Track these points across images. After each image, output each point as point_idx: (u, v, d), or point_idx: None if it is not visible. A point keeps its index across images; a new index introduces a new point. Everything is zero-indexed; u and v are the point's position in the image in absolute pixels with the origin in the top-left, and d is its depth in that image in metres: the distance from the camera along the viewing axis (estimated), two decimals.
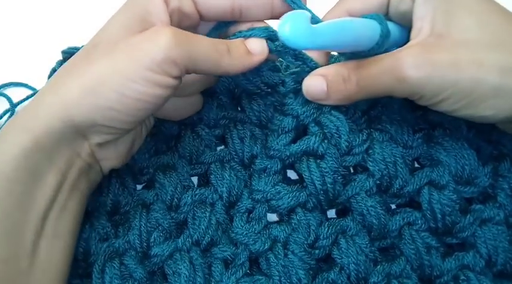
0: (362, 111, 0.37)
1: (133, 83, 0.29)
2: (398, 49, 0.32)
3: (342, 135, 0.35)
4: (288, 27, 0.29)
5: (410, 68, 0.30)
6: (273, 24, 0.36)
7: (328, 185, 0.35)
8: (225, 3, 0.34)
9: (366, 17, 0.33)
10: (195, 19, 0.35)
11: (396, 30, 0.35)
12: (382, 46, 0.33)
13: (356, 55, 0.34)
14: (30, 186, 0.30)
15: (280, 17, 0.36)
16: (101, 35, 0.33)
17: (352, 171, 0.37)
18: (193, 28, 0.36)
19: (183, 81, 0.33)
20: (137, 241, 0.35)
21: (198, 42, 0.31)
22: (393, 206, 0.37)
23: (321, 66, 0.36)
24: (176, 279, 0.33)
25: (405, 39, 0.35)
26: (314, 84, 0.35)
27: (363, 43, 0.33)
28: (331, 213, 0.37)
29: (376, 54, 0.33)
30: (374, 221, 0.35)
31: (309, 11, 0.34)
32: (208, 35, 0.37)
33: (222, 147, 0.39)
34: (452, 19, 0.31)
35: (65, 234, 0.32)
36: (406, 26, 0.35)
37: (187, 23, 0.35)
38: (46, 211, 0.30)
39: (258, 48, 0.34)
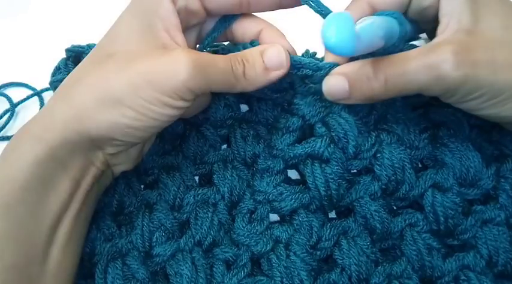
0: (370, 109, 0.37)
1: (151, 105, 0.30)
2: (431, 45, 0.31)
3: (350, 140, 0.35)
4: (334, 34, 0.26)
5: (451, 66, 0.29)
6: (281, 14, 0.36)
7: (333, 191, 0.34)
8: None
9: (385, 15, 0.32)
10: (201, 16, 0.35)
11: (409, 28, 0.35)
12: (398, 47, 0.32)
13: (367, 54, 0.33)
14: (43, 195, 0.30)
15: (287, 7, 0.35)
16: (113, 44, 0.32)
17: (355, 171, 0.37)
18: (200, 24, 0.36)
19: None
20: (139, 240, 0.34)
21: (216, 68, 0.31)
22: (394, 206, 0.37)
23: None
24: (178, 280, 0.33)
25: (413, 34, 0.35)
26: (335, 83, 0.33)
27: (384, 44, 0.31)
28: (331, 213, 0.37)
29: (390, 53, 0.32)
30: (377, 225, 0.34)
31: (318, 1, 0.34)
32: (215, 29, 0.37)
33: (225, 146, 0.39)
34: (479, 17, 0.31)
35: (76, 241, 0.32)
36: (421, 21, 0.35)
37: (194, 20, 0.35)
38: (58, 219, 0.30)
39: (275, 62, 0.33)
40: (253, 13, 0.37)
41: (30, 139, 0.30)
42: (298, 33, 0.39)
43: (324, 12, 0.34)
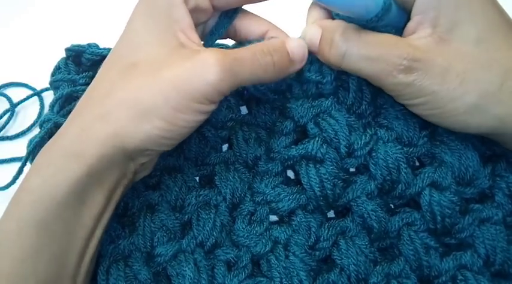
0: (368, 102, 0.37)
1: (182, 114, 0.30)
2: (398, 39, 0.31)
3: (341, 140, 0.35)
4: None
5: (402, 70, 0.30)
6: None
7: (328, 191, 0.35)
8: None
9: None
10: (209, 13, 0.35)
11: (395, 10, 0.33)
12: (382, 19, 0.31)
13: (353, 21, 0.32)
14: (78, 211, 0.30)
15: None
16: (135, 52, 0.32)
17: (353, 169, 0.37)
18: (206, 20, 0.37)
19: None
20: (141, 241, 0.35)
21: (244, 64, 0.31)
22: (392, 205, 0.37)
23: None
24: (180, 281, 0.33)
25: (400, 22, 0.34)
26: (310, 33, 0.34)
27: (363, 9, 0.30)
28: (330, 212, 0.37)
29: (374, 27, 0.32)
30: (375, 225, 0.35)
31: None
32: (220, 25, 0.37)
33: (227, 145, 0.39)
34: (456, 26, 0.31)
35: (98, 249, 0.33)
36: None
37: (202, 18, 0.35)
38: (92, 232, 0.31)
39: (300, 54, 0.34)
40: (257, 2, 0.37)
41: (66, 156, 0.30)
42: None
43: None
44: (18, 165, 0.39)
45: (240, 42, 0.38)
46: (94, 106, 0.31)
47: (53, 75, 0.42)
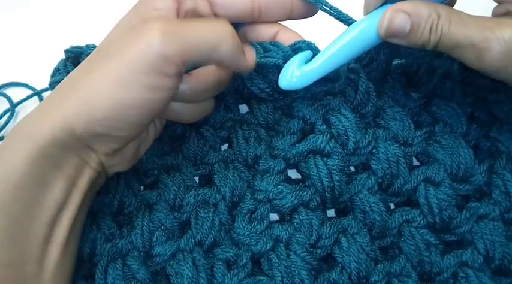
0: (373, 104, 0.37)
1: (127, 89, 0.28)
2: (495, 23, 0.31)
3: (350, 137, 0.36)
4: (280, 80, 0.33)
5: (497, 57, 0.29)
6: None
7: (335, 182, 0.35)
8: (246, 3, 0.33)
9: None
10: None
11: None
12: None
13: None
14: (38, 193, 0.30)
15: (297, 18, 0.36)
16: (106, 38, 0.32)
17: (353, 169, 0.38)
18: None
19: (197, 90, 0.33)
20: (139, 240, 0.35)
21: (192, 29, 0.29)
22: (392, 205, 0.37)
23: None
24: (179, 280, 0.33)
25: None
26: (398, 21, 0.31)
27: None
28: (330, 213, 0.37)
29: None
30: (376, 217, 0.35)
31: (331, 8, 0.35)
32: None
33: (226, 145, 0.39)
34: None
35: (75, 240, 0.33)
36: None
37: None
38: (55, 217, 0.30)
39: (250, 57, 0.33)
40: (262, 21, 0.36)
41: (22, 138, 0.30)
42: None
43: (344, 18, 0.35)
44: None
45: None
46: (54, 93, 0.31)
47: (52, 76, 0.42)
